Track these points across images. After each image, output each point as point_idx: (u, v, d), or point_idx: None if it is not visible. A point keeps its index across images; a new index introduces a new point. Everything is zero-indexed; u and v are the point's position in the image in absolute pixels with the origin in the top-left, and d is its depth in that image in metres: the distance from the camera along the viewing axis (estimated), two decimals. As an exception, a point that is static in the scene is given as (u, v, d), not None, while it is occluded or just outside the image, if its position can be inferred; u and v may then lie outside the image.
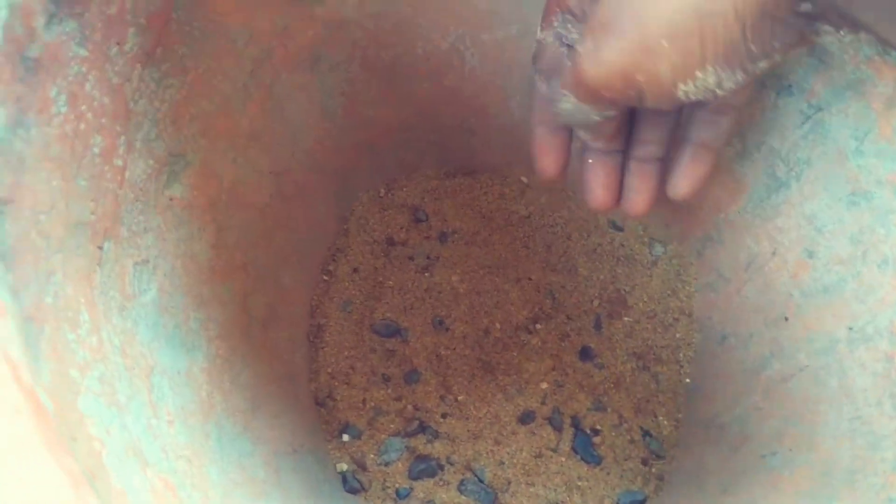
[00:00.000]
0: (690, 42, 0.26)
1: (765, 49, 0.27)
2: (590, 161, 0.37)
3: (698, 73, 0.27)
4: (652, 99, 0.28)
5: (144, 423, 0.27)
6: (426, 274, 0.49)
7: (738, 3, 0.25)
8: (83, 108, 0.27)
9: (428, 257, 0.50)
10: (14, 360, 0.16)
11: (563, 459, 0.46)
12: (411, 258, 0.50)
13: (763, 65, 0.28)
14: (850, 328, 0.40)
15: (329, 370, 0.46)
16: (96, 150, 0.28)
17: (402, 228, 0.50)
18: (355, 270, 0.49)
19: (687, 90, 0.28)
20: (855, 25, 0.26)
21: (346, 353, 0.47)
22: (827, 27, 0.27)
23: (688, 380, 0.49)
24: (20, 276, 0.22)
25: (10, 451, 0.14)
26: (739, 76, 0.28)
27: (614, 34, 0.27)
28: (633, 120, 0.36)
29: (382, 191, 0.51)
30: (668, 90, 0.28)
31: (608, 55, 0.27)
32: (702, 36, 0.26)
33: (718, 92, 0.28)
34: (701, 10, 0.25)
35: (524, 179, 0.52)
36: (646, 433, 0.47)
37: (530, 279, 0.50)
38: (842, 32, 0.27)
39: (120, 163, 0.29)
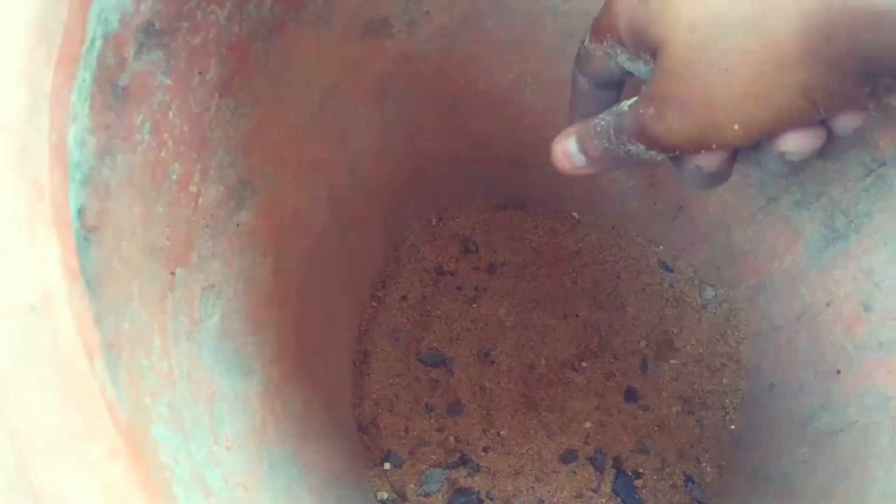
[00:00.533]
0: (764, 125, 0.26)
1: (835, 114, 0.27)
2: None
3: (775, 140, 0.27)
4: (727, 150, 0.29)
5: (206, 450, 0.27)
6: (474, 305, 0.49)
7: (806, 89, 0.25)
8: (165, 135, 0.27)
9: (476, 288, 0.50)
10: (110, 400, 0.16)
11: (604, 501, 0.46)
12: (459, 288, 0.50)
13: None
14: (905, 386, 0.39)
15: (374, 397, 0.47)
16: (174, 176, 0.28)
17: (451, 258, 0.50)
18: (404, 298, 0.49)
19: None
20: None
21: (391, 380, 0.47)
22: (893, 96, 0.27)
23: (733, 427, 0.48)
24: (102, 304, 0.22)
25: (111, 497, 0.14)
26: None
27: (681, 110, 0.27)
28: None
29: (434, 220, 0.51)
30: (741, 147, 0.28)
31: (677, 126, 0.27)
32: (775, 118, 0.26)
33: None
34: (771, 97, 0.25)
35: (575, 215, 0.52)
36: (688, 479, 0.46)
37: (577, 316, 0.50)
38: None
39: (194, 189, 0.30)
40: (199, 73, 0.29)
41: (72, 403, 0.15)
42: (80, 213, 0.22)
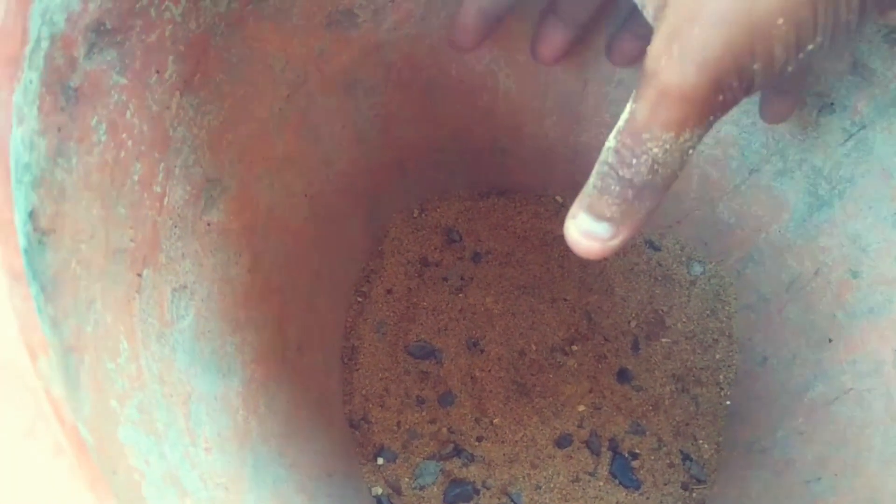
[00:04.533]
0: (804, 14, 0.23)
1: (859, 18, 0.24)
2: None
3: (810, 47, 0.24)
4: (761, 87, 0.25)
5: (182, 451, 0.27)
6: (460, 295, 0.49)
7: None
8: (123, 136, 0.27)
9: (462, 278, 0.49)
10: (55, 398, 0.16)
11: (602, 484, 0.45)
12: (445, 279, 0.49)
13: (847, 36, 0.25)
14: (897, 350, 0.39)
15: (363, 392, 0.46)
16: (136, 177, 0.28)
17: (435, 249, 0.50)
18: (389, 292, 0.49)
19: (792, 69, 0.25)
20: None
21: (380, 375, 0.47)
22: None
23: (728, 402, 0.48)
24: (61, 307, 0.22)
25: (55, 494, 0.14)
26: (828, 48, 0.25)
27: (715, 25, 0.23)
28: None
29: (416, 212, 0.51)
30: (780, 72, 0.25)
31: (714, 51, 0.23)
32: (814, 4, 0.23)
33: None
34: None
35: (559, 199, 0.52)
36: (686, 457, 0.46)
37: (566, 300, 0.49)
38: None
39: (159, 189, 0.29)
40: (157, 72, 0.29)
41: (12, 403, 0.15)
42: (32, 215, 0.22)
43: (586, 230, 0.29)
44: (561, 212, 0.51)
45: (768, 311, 0.46)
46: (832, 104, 0.39)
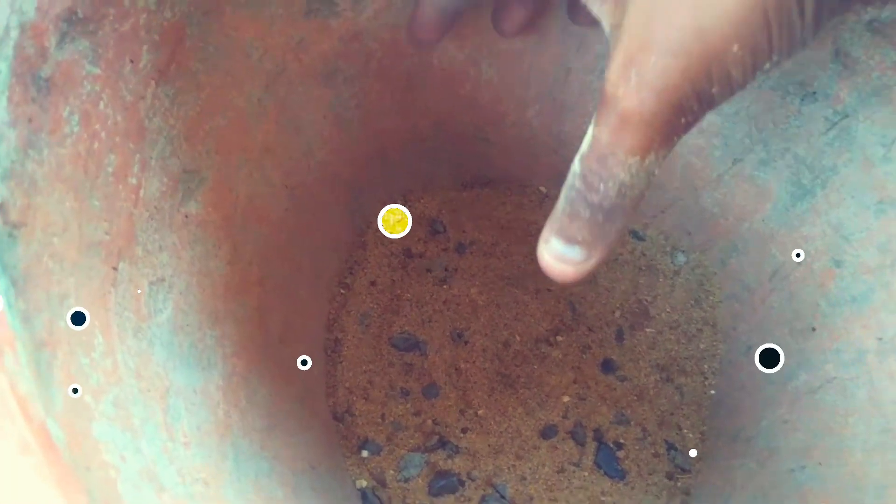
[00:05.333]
0: (759, 38, 0.23)
1: (814, 33, 0.24)
2: None
3: (766, 66, 0.24)
4: (721, 102, 0.25)
5: (160, 446, 0.26)
6: (444, 286, 0.49)
7: None
8: (97, 126, 0.27)
9: (446, 269, 0.49)
10: (22, 395, 0.15)
11: (587, 474, 0.45)
12: (429, 270, 0.49)
13: (802, 49, 0.26)
14: (880, 339, 0.39)
15: (347, 385, 0.46)
16: (110, 169, 0.27)
17: (419, 240, 0.50)
18: (373, 283, 0.48)
19: (749, 83, 0.25)
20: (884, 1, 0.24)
21: (363, 367, 0.46)
22: (858, 6, 0.25)
23: (712, 392, 0.48)
24: (33, 302, 0.22)
25: (19, 492, 0.13)
26: (783, 62, 0.25)
27: (670, 54, 0.23)
28: None
29: (399, 203, 0.50)
30: (739, 89, 0.25)
31: (672, 80, 0.24)
32: (769, 29, 0.23)
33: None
34: (766, 2, 0.22)
35: (543, 189, 0.51)
36: (670, 447, 0.46)
37: (550, 290, 0.49)
38: (868, 10, 0.25)
39: (134, 181, 0.29)
40: (131, 61, 0.29)
41: (-24, 402, 0.15)
42: (2, 208, 0.21)
43: (559, 255, 0.29)
44: (545, 202, 0.51)
45: (752, 300, 0.46)
46: (814, 93, 0.39)
